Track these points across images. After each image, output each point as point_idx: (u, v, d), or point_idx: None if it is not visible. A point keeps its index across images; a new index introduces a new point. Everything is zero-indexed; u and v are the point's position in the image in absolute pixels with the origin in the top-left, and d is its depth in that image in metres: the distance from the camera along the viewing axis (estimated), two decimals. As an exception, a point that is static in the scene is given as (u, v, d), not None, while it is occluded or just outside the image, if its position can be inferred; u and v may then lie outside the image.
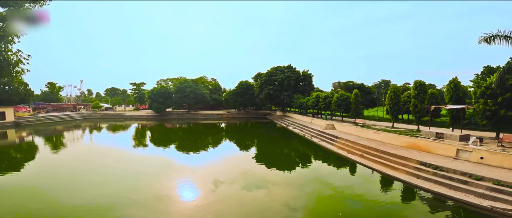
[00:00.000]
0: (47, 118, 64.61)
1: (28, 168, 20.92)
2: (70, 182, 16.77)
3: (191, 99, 77.91)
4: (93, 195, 13.99)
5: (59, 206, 12.52)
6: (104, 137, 44.19)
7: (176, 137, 42.24)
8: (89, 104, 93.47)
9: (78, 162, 23.65)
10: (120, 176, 18.19)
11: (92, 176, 18.41)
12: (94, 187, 15.45)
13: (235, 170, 19.76)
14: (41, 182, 16.90)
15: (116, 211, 11.91)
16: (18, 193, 14.56)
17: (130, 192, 14.53)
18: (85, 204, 12.63)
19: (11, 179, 17.81)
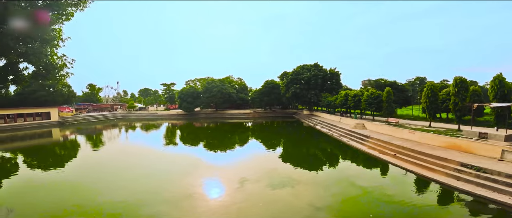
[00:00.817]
0: (88, 117, 69.67)
1: (71, 165, 22.63)
2: (107, 179, 17.85)
3: (218, 99, 79.43)
4: (126, 192, 14.72)
5: (96, 202, 13.24)
6: (138, 135, 46.59)
7: (204, 135, 43.24)
8: (124, 105, 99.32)
9: (114, 159, 25.20)
10: (151, 173, 18.92)
11: (126, 173, 19.46)
12: (127, 184, 16.27)
13: (260, 169, 19.68)
14: (82, 178, 18.13)
15: (147, 207, 12.37)
16: (62, 188, 15.80)
17: (160, 189, 15.06)
18: (119, 200, 13.28)
19: (56, 174, 19.33)
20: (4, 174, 19.52)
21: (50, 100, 56.80)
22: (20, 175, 19.12)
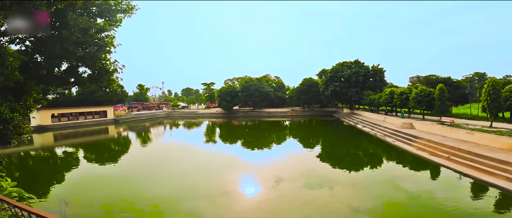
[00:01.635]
0: (138, 115, 75.74)
1: (122, 160, 24.83)
2: (151, 174, 19.10)
3: (255, 98, 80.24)
4: (167, 186, 15.60)
5: (141, 195, 14.18)
6: (180, 133, 49.32)
7: (242, 134, 44.03)
8: (169, 104, 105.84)
9: (158, 155, 27.00)
10: (190, 170, 19.83)
11: (168, 169, 20.64)
12: (168, 179, 17.27)
13: (297, 168, 19.38)
14: (130, 173, 19.74)
15: (185, 202, 12.99)
16: (113, 182, 17.36)
17: (198, 185, 15.71)
18: (160, 195, 14.03)
19: (109, 169, 21.31)
20: (67, 167, 22.21)
21: (106, 100, 63.16)
22: (80, 168, 21.50)
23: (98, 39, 12.56)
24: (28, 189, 12.12)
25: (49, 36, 10.97)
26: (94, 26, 12.08)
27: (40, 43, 11.30)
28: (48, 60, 11.63)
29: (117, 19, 13.87)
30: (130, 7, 14.24)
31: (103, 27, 12.73)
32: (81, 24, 10.93)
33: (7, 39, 10.71)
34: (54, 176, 19.49)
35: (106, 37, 13.12)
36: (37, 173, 20.72)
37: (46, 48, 11.24)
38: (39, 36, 11.17)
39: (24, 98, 10.43)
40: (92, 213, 11.82)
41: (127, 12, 14.25)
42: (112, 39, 13.25)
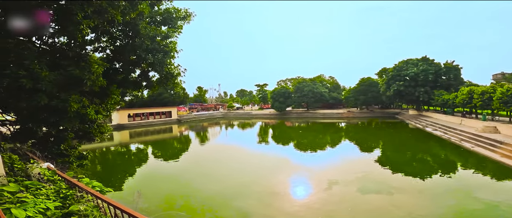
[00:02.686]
0: (198, 116, 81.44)
1: (183, 157, 27.03)
2: (207, 171, 20.28)
3: (309, 98, 78.51)
4: (221, 185, 16.38)
5: (197, 193, 14.99)
6: (235, 133, 51.37)
7: (295, 135, 43.63)
8: (225, 105, 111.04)
9: (215, 154, 28.66)
10: (243, 169, 20.53)
11: (222, 167, 21.66)
12: (222, 178, 18.08)
13: (352, 172, 18.39)
14: (189, 170, 21.36)
15: (237, 201, 13.47)
16: (174, 178, 18.91)
17: (249, 184, 16.16)
18: (214, 194, 14.78)
19: (172, 165, 23.39)
20: (138, 162, 25.23)
21: (171, 102, 69.69)
22: (148, 164, 24.19)
23: (163, 46, 13.92)
24: (106, 180, 14.16)
25: (125, 44, 12.60)
26: (159, 34, 13.45)
27: (118, 51, 13.10)
28: (125, 66, 13.39)
29: (178, 26, 15.24)
30: (188, 14, 15.53)
31: (167, 34, 14.12)
32: (150, 32, 12.27)
33: (91, 48, 12.73)
34: (128, 169, 22.32)
35: (170, 44, 14.46)
36: (115, 166, 24.05)
37: (123, 56, 12.91)
38: (117, 45, 12.97)
39: (106, 101, 12.20)
40: (156, 206, 13.09)
41: (186, 19, 15.57)
42: (175, 45, 14.57)
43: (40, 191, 4.25)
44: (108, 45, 13.08)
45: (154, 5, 13.46)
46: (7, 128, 10.16)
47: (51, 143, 10.12)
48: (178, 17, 14.73)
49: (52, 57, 8.42)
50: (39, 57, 7.34)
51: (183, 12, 15.32)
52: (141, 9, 10.27)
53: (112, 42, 12.81)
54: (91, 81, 7.59)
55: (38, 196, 4.01)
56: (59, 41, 10.44)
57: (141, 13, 11.31)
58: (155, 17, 14.08)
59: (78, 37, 8.18)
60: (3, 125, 10.87)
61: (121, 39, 12.68)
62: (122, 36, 12.49)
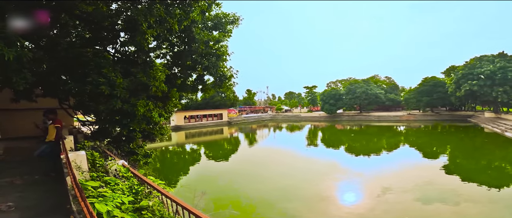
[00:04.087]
0: (247, 118, 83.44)
1: (232, 158, 27.92)
2: (255, 174, 20.52)
3: (362, 100, 73.96)
4: (265, 186, 16.42)
5: (244, 194, 15.21)
6: (283, 135, 51.19)
7: (346, 138, 41.56)
8: (273, 107, 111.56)
9: (262, 155, 28.93)
10: (290, 172, 20.26)
11: (270, 169, 21.69)
12: (267, 180, 18.09)
13: (411, 179, 16.76)
14: (237, 171, 21.94)
15: (280, 204, 13.33)
16: (223, 178, 19.50)
17: (295, 188, 15.87)
18: (261, 195, 14.87)
19: (221, 166, 24.28)
20: (192, 162, 26.85)
21: (222, 104, 72.85)
22: (201, 163, 25.56)
23: (216, 50, 14.57)
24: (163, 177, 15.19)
25: (182, 50, 13.55)
26: (212, 38, 14.13)
27: (176, 57, 14.15)
28: (183, 71, 14.38)
29: (228, 30, 15.85)
30: (236, 18, 16.06)
31: (219, 39, 14.76)
32: (203, 38, 12.96)
33: (154, 55, 13.98)
34: (182, 168, 23.88)
35: (221, 47, 15.07)
36: (172, 164, 25.97)
37: (181, 60, 13.87)
38: (176, 51, 14.01)
39: (167, 104, 13.24)
40: (205, 204, 13.54)
41: (234, 23, 16.12)
42: (226, 49, 15.16)
43: (117, 186, 4.77)
44: (168, 52, 14.25)
45: (205, 12, 14.16)
46: (88, 128, 11.77)
47: (123, 142, 11.37)
48: (227, 21, 15.31)
49: (123, 65, 9.45)
50: (114, 66, 8.31)
51: (231, 16, 15.91)
52: (193, 17, 10.88)
53: (171, 48, 13.92)
54: (155, 87, 8.29)
55: (116, 191, 4.50)
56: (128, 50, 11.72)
57: (194, 20, 11.98)
58: (206, 23, 14.85)
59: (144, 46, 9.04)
60: (84, 125, 12.60)
61: (178, 45, 13.69)
62: (179, 42, 13.47)
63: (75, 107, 10.44)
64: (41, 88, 9.61)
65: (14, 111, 14.97)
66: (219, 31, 15.25)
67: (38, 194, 5.46)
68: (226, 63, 15.25)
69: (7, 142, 14.19)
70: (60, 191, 5.35)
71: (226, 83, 15.49)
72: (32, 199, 5.19)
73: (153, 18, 8.23)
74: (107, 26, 9.54)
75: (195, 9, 10.38)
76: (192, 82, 15.53)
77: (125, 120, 7.96)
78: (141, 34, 8.05)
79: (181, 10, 9.40)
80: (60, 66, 8.24)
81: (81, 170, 5.24)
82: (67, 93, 8.76)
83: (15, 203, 4.81)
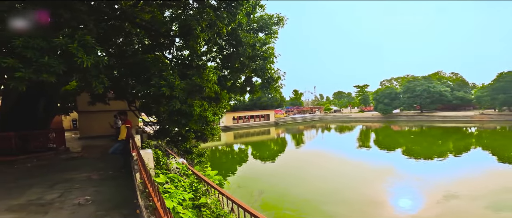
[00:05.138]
0: (294, 118, 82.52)
1: (279, 159, 27.77)
2: (301, 175, 19.97)
3: (424, 99, 66.93)
4: (311, 188, 15.87)
5: (288, 195, 14.93)
6: (332, 136, 49.23)
7: (404, 140, 38.04)
8: (321, 107, 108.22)
9: (310, 156, 28.11)
10: (338, 174, 19.43)
11: (317, 171, 20.88)
12: (315, 182, 17.46)
13: (483, 185, 14.80)
14: (281, 171, 21.60)
15: (326, 206, 12.83)
16: (268, 179, 19.42)
17: (344, 191, 15.13)
18: (307, 197, 14.44)
19: (269, 166, 24.32)
20: (239, 161, 27.43)
21: (269, 105, 73.37)
22: (248, 163, 25.95)
23: (263, 52, 14.64)
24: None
25: (231, 53, 13.94)
26: (258, 41, 14.23)
27: (226, 60, 14.63)
28: (232, 73, 14.79)
29: (273, 31, 15.78)
30: (281, 19, 15.89)
31: (265, 41, 14.80)
32: (250, 40, 13.12)
33: (205, 59, 14.66)
34: (231, 167, 24.51)
35: (268, 49, 15.08)
36: (221, 163, 26.89)
37: (230, 63, 14.29)
38: (225, 54, 14.49)
39: (218, 105, 13.75)
40: (251, 204, 13.62)
41: (279, 24, 15.98)
42: (273, 51, 15.12)
43: (179, 183, 5.04)
44: (217, 55, 14.82)
45: (250, 14, 14.32)
46: (151, 128, 12.88)
47: (179, 141, 12.16)
48: (272, 23, 15.27)
49: (180, 68, 10.09)
50: (172, 69, 8.91)
51: (276, 17, 15.81)
52: (239, 20, 11.05)
53: (220, 52, 14.44)
54: (208, 88, 8.65)
55: (178, 187, 4.76)
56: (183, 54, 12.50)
57: (240, 23, 12.19)
58: (251, 25, 15.01)
59: (197, 49, 9.51)
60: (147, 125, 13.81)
61: (227, 48, 14.13)
62: (227, 46, 13.90)
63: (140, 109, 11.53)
64: (113, 92, 10.83)
65: (91, 113, 17.22)
66: (264, 33, 15.32)
67: (111, 189, 6.05)
68: (273, 65, 15.25)
69: (84, 140, 16.39)
70: (129, 186, 5.89)
71: (274, 85, 15.48)
72: (105, 193, 5.75)
73: (205, 22, 8.60)
74: (164, 33, 10.30)
75: (241, 12, 10.59)
76: (241, 84, 15.88)
77: (184, 119, 8.48)
78: (194, 38, 8.49)
79: (228, 13, 9.66)
80: (128, 71, 9.15)
81: (148, 167, 5.69)
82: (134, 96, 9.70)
83: (92, 197, 5.39)
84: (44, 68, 5.26)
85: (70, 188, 6.10)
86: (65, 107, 16.77)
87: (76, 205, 5.00)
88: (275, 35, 15.70)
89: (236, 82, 15.39)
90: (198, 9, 9.24)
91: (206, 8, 8.81)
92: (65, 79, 7.39)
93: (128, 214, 4.45)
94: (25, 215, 4.51)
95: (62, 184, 6.45)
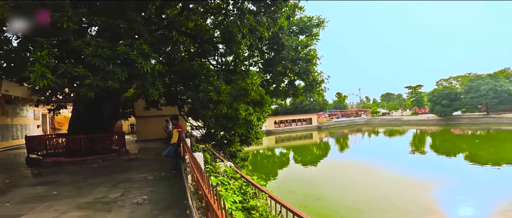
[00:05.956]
0: (338, 122, 79.35)
1: (321, 163, 26.76)
2: (344, 181, 18.91)
3: (490, 99, 58.87)
4: (358, 196, 14.85)
5: (330, 202, 14.18)
6: (380, 140, 46.07)
7: (467, 145, 33.78)
8: (368, 110, 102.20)
9: (354, 163, 26.49)
10: (387, 181, 17.94)
11: (362, 177, 19.56)
12: (360, 189, 16.34)
13: None
14: (327, 177, 20.74)
15: (370, 213, 12.06)
16: (312, 183, 18.73)
17: (392, 198, 14.03)
18: (349, 204, 13.62)
19: (311, 171, 23.53)
20: (280, 165, 27.14)
21: (311, 109, 71.84)
22: (289, 167, 25.52)
23: (305, 54, 14.36)
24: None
25: (273, 57, 13.97)
26: (300, 44, 13.99)
27: (267, 64, 14.68)
28: (275, 77, 14.79)
29: (314, 33, 15.37)
30: (321, 21, 15.39)
31: (307, 43, 14.49)
32: (292, 43, 12.98)
33: (247, 64, 14.88)
34: (272, 171, 24.31)
35: (310, 52, 14.73)
36: (262, 167, 26.89)
37: (272, 67, 14.32)
38: (266, 58, 14.55)
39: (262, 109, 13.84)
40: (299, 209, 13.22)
41: (319, 26, 15.50)
42: (315, 53, 14.73)
43: (229, 186, 5.14)
44: (259, 59, 14.96)
45: (290, 17, 14.16)
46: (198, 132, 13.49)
47: (224, 145, 12.51)
48: (312, 24, 14.89)
49: (224, 73, 10.41)
50: (218, 74, 9.22)
51: (316, 19, 15.37)
52: (280, 23, 10.98)
53: (262, 56, 14.55)
54: (253, 91, 8.75)
55: (228, 190, 4.84)
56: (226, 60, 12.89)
57: (281, 27, 12.12)
58: (292, 28, 14.83)
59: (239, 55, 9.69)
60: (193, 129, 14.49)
61: (268, 52, 14.18)
62: (269, 50, 13.94)
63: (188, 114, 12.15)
64: (164, 98, 11.62)
65: (146, 118, 18.73)
66: (305, 35, 15.05)
67: (164, 189, 6.40)
68: (316, 68, 14.87)
69: (141, 143, 17.85)
70: (180, 187, 6.20)
71: (317, 88, 15.08)
72: (160, 193, 6.10)
73: (245, 28, 8.74)
74: (208, 40, 10.75)
75: (281, 15, 10.53)
76: (284, 87, 15.77)
77: (230, 123, 8.71)
78: (237, 44, 8.69)
79: (268, 18, 9.67)
80: (178, 78, 9.74)
81: (201, 169, 5.91)
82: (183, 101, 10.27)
83: (148, 197, 5.76)
84: (109, 75, 5.86)
85: (130, 187, 6.61)
86: (124, 112, 18.49)
87: (135, 204, 5.35)
88: (316, 37, 15.33)
89: (279, 86, 15.34)
90: (238, 15, 9.43)
91: (246, 14, 8.95)
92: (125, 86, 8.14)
93: (179, 214, 4.63)
94: (92, 213, 4.94)
95: (124, 183, 7.03)
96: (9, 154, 14.37)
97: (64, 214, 4.85)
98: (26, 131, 19.19)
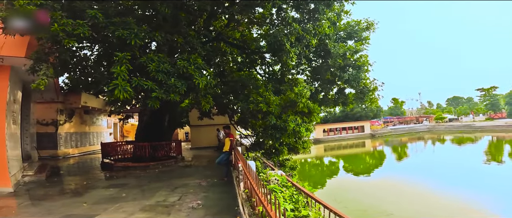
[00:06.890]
0: (394, 130, 73.21)
1: (375, 172, 24.84)
2: (401, 192, 17.06)
3: None
4: (417, 208, 13.30)
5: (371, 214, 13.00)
6: (446, 149, 40.83)
7: None
8: (431, 116, 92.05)
9: (413, 172, 23.63)
10: (454, 192, 15.63)
11: (421, 188, 17.41)
12: (418, 200, 14.83)
13: None
14: (381, 187, 19.03)
15: None
16: (363, 194, 17.09)
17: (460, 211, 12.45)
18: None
19: (361, 180, 22.23)
20: (329, 174, 25.99)
21: (363, 116, 67.81)
22: (338, 176, 24.27)
23: (355, 61, 13.69)
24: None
25: (320, 65, 13.65)
26: (348, 49, 13.38)
27: (315, 72, 14.39)
28: (323, 86, 14.46)
29: (364, 38, 14.52)
30: (370, 23, 14.46)
31: (355, 49, 13.80)
32: (339, 50, 12.48)
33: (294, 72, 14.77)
34: (320, 180, 23.36)
35: (361, 58, 13.98)
36: (310, 176, 26.06)
37: (320, 75, 14.01)
38: (314, 66, 14.27)
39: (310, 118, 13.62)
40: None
41: (369, 29, 14.57)
42: (366, 59, 13.94)
43: (280, 194, 5.20)
44: (307, 67, 14.71)
45: (336, 23, 13.60)
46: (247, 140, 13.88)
47: (273, 154, 12.61)
48: (361, 28, 14.12)
49: (272, 83, 10.59)
50: (265, 84, 9.43)
51: (364, 22, 14.49)
52: (322, 31, 10.44)
53: (309, 64, 14.30)
54: (302, 104, 8.71)
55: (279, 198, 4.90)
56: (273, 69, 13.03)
57: (326, 33, 11.72)
58: (338, 34, 14.23)
59: (289, 64, 9.75)
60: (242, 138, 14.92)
61: (315, 60, 13.89)
62: (315, 57, 13.64)
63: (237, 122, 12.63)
64: (216, 108, 12.30)
65: (199, 127, 19.99)
66: (354, 40, 14.39)
67: (216, 195, 6.76)
68: (368, 75, 14.05)
69: (195, 150, 19.07)
70: (231, 194, 6.48)
71: (369, 96, 14.20)
72: (212, 199, 6.45)
73: (293, 36, 8.75)
74: (255, 50, 11.05)
75: (326, 22, 10.20)
76: (333, 96, 15.27)
77: (278, 134, 8.80)
78: (286, 53, 8.74)
79: (313, 25, 9.48)
80: (228, 89, 10.24)
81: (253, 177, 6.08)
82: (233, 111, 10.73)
83: (202, 202, 6.12)
84: (171, 88, 6.46)
85: (186, 192, 7.12)
86: (181, 122, 20.00)
87: (190, 208, 5.73)
88: (367, 41, 14.55)
89: (328, 94, 14.92)
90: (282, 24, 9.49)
91: (292, 22, 8.96)
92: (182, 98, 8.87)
93: (230, 221, 4.82)
94: (154, 215, 5.39)
95: (181, 188, 7.59)
96: (86, 158, 16.60)
97: (131, 216, 5.39)
98: (101, 138, 22.00)
